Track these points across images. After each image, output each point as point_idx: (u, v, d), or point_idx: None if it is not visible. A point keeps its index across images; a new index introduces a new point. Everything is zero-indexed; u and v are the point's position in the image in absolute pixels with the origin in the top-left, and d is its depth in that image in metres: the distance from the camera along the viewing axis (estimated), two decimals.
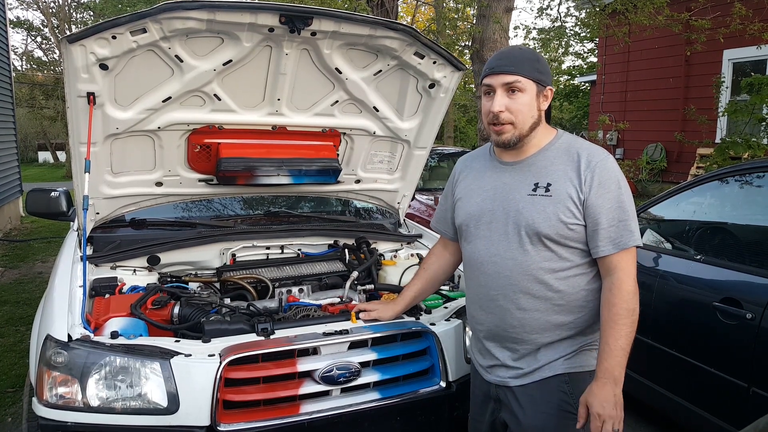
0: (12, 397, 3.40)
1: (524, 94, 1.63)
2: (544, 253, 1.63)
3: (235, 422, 1.83)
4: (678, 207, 3.23)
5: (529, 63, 1.64)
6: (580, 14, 12.69)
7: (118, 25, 2.02)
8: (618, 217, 1.59)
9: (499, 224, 1.70)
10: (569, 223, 1.60)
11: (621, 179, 1.62)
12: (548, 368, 1.68)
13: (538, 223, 1.62)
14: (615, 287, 1.59)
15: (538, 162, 1.69)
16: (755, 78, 6.21)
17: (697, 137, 8.84)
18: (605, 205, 1.59)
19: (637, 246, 1.63)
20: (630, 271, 1.61)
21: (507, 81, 1.62)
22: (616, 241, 1.59)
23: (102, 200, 2.61)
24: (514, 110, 1.63)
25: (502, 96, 1.63)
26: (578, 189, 1.60)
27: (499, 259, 1.69)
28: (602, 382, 1.55)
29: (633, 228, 1.61)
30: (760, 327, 2.31)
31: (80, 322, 1.93)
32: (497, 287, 1.70)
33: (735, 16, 7.44)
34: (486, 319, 1.76)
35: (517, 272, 1.66)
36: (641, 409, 3.23)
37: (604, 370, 1.56)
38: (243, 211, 3.36)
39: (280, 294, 2.48)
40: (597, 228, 1.60)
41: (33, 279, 6.08)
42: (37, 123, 27.44)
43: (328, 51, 2.39)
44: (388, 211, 3.33)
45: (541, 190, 1.64)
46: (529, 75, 1.62)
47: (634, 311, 1.59)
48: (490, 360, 1.78)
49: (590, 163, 1.61)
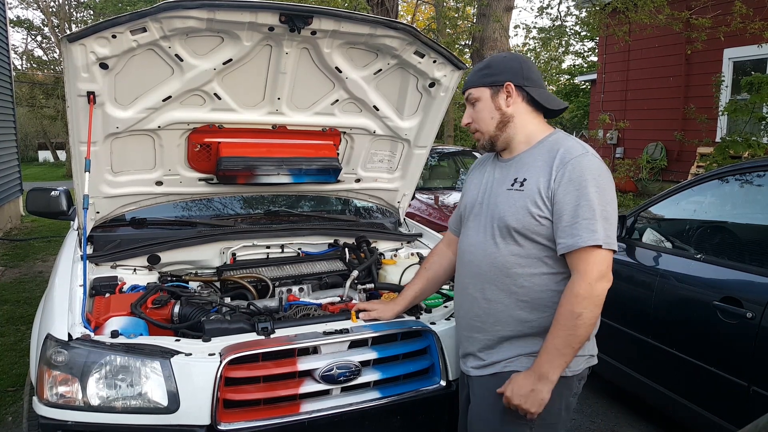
0: (12, 396, 3.41)
1: (480, 101, 1.77)
2: (512, 247, 1.67)
3: (235, 421, 1.83)
4: (678, 206, 3.23)
5: (476, 73, 1.79)
6: (581, 13, 12.70)
7: (118, 24, 2.02)
8: (582, 215, 1.56)
9: (482, 217, 1.78)
10: (536, 216, 1.62)
11: (597, 178, 1.58)
12: (506, 363, 1.71)
13: (507, 216, 1.67)
14: (567, 287, 1.58)
15: (523, 159, 1.74)
16: (755, 77, 6.22)
17: (698, 136, 8.85)
18: (570, 201, 1.58)
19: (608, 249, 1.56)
20: (588, 273, 1.55)
21: (466, 97, 1.81)
22: (573, 239, 1.56)
23: (102, 199, 2.61)
24: (475, 119, 1.79)
25: (468, 110, 1.81)
26: (548, 183, 1.62)
27: (473, 249, 1.77)
28: (527, 374, 1.62)
29: (596, 228, 1.55)
30: (761, 326, 2.30)
31: (80, 321, 1.93)
32: (470, 276, 1.78)
33: (735, 15, 7.44)
34: (459, 307, 1.85)
35: (486, 263, 1.72)
36: (641, 408, 3.24)
37: (535, 363, 1.61)
38: (243, 210, 3.36)
39: (280, 293, 2.48)
40: (559, 224, 1.60)
41: (33, 278, 6.08)
42: (37, 122, 27.46)
43: (328, 50, 2.38)
44: (388, 210, 3.33)
45: (517, 185, 1.69)
46: (477, 83, 1.77)
47: (580, 316, 1.53)
48: (462, 348, 1.86)
49: (564, 159, 1.62)
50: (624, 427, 3.16)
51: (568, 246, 1.58)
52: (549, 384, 1.58)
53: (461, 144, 22.28)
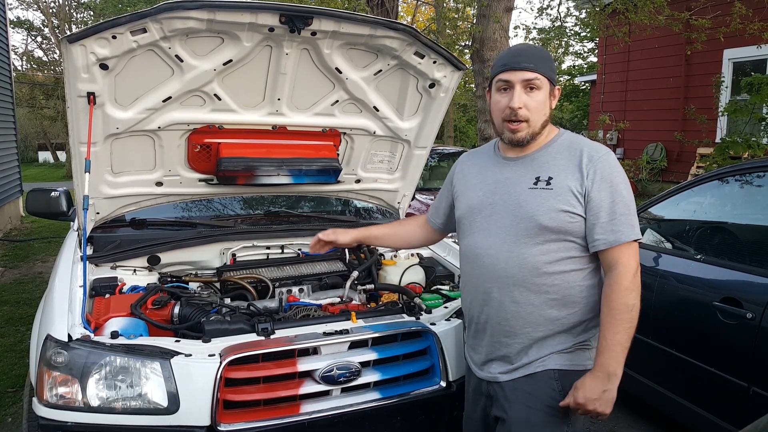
0: (12, 397, 3.40)
1: (540, 92, 1.64)
2: (541, 246, 1.63)
3: (235, 422, 1.83)
4: (678, 206, 3.23)
5: (545, 62, 1.65)
6: (580, 14, 12.70)
7: (119, 24, 2.02)
8: (619, 210, 1.59)
9: (499, 217, 1.70)
10: (571, 215, 1.60)
11: (622, 175, 1.63)
12: (539, 363, 1.68)
13: (539, 215, 1.62)
14: (614, 282, 1.58)
15: (539, 158, 1.69)
16: (755, 77, 6.21)
17: (697, 137, 8.85)
18: (606, 198, 1.59)
19: (638, 240, 1.62)
20: (630, 266, 1.59)
21: (527, 78, 1.62)
22: (615, 235, 1.58)
23: (102, 200, 2.61)
24: (531, 108, 1.64)
25: (521, 92, 1.63)
26: (580, 182, 1.61)
27: (494, 251, 1.69)
28: (595, 376, 1.57)
29: (633, 222, 1.60)
30: (761, 327, 2.30)
31: (80, 322, 1.93)
32: (492, 279, 1.70)
33: (735, 16, 7.44)
34: (481, 312, 1.76)
35: (512, 264, 1.66)
36: (641, 409, 3.24)
37: (600, 364, 1.57)
38: (243, 210, 3.36)
39: (280, 294, 2.48)
40: (597, 221, 1.59)
41: (33, 279, 6.08)
42: (37, 123, 27.44)
43: (328, 51, 2.39)
44: (389, 210, 3.32)
45: (542, 184, 1.64)
46: (546, 73, 1.64)
47: (633, 307, 1.57)
48: (483, 355, 1.79)
49: (592, 158, 1.62)
50: (624, 427, 3.16)
51: (610, 242, 1.58)
52: (617, 380, 1.56)
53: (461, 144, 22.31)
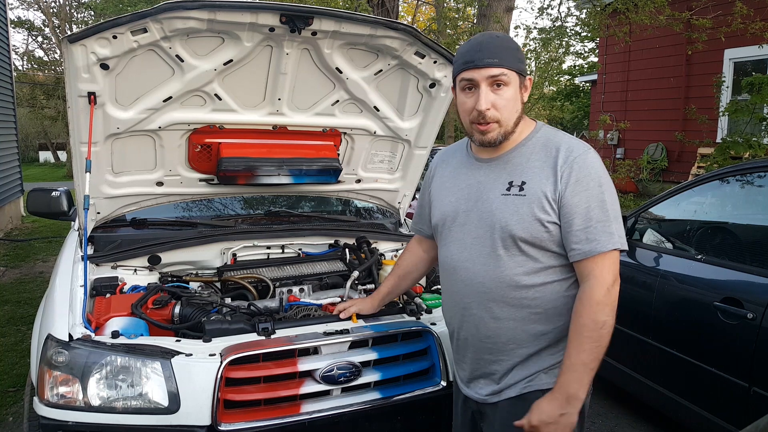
0: (13, 397, 3.41)
1: (509, 87, 1.48)
2: (518, 257, 1.50)
3: (235, 422, 1.83)
4: (679, 207, 3.23)
5: (511, 52, 1.48)
6: (581, 14, 12.69)
7: (119, 24, 2.02)
8: (595, 217, 1.44)
9: (473, 227, 1.57)
10: (545, 222, 1.46)
11: (602, 176, 1.47)
12: (525, 383, 1.56)
13: (511, 225, 1.49)
14: (585, 296, 1.44)
15: (514, 159, 1.55)
16: (756, 77, 6.21)
17: (698, 137, 8.83)
18: (581, 204, 1.44)
19: (620, 250, 1.46)
20: (604, 279, 1.43)
21: (492, 74, 1.46)
22: (590, 245, 1.44)
23: (103, 200, 2.61)
24: (500, 106, 1.48)
25: (487, 92, 1.47)
26: (554, 186, 1.46)
27: (471, 264, 1.57)
28: (553, 397, 1.44)
29: (612, 230, 1.44)
30: (761, 327, 2.30)
31: (81, 321, 1.94)
32: (471, 294, 1.58)
33: (736, 15, 7.44)
34: (461, 328, 1.64)
35: (490, 278, 1.53)
36: (641, 409, 3.24)
37: (559, 384, 1.44)
38: (243, 210, 3.36)
39: (280, 293, 2.48)
40: (570, 229, 1.45)
41: (34, 278, 6.08)
42: (38, 123, 27.45)
43: (329, 51, 2.39)
44: (389, 210, 3.33)
45: (515, 189, 1.51)
46: (513, 66, 1.48)
47: (604, 324, 1.42)
48: (467, 372, 1.68)
49: (568, 158, 1.47)
50: (624, 428, 3.16)
51: (585, 252, 1.44)
52: (579, 403, 1.43)
53: None
